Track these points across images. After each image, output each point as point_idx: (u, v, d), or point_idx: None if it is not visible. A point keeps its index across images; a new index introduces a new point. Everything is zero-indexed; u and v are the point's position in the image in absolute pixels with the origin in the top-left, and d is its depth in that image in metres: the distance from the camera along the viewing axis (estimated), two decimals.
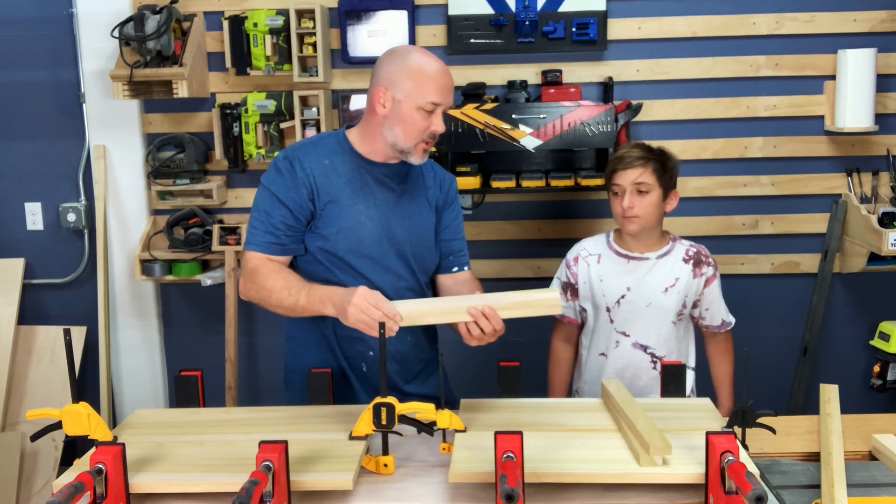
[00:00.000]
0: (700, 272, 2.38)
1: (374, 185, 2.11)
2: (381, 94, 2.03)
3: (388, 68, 2.04)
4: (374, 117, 2.07)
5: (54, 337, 3.44)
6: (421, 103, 2.00)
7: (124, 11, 3.21)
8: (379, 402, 1.65)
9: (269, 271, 2.03)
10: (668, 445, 1.57)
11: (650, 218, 2.33)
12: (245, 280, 2.07)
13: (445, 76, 2.04)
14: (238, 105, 3.22)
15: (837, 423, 1.84)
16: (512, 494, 1.33)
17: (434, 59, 2.05)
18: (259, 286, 2.03)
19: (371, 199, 2.10)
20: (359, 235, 2.08)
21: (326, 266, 2.09)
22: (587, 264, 2.42)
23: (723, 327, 2.46)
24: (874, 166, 3.26)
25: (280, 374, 2.32)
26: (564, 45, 3.15)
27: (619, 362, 2.38)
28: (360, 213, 2.08)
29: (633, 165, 2.30)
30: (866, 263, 3.15)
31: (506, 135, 3.04)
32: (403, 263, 2.14)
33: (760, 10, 3.18)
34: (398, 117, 2.03)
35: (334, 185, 2.08)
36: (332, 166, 2.09)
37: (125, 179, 3.37)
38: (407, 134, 2.03)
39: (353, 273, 2.09)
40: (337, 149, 2.12)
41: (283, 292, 1.99)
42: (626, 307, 2.36)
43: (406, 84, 2.01)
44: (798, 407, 3.32)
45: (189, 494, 1.57)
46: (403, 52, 2.06)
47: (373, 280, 2.09)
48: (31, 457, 3.33)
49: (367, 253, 2.09)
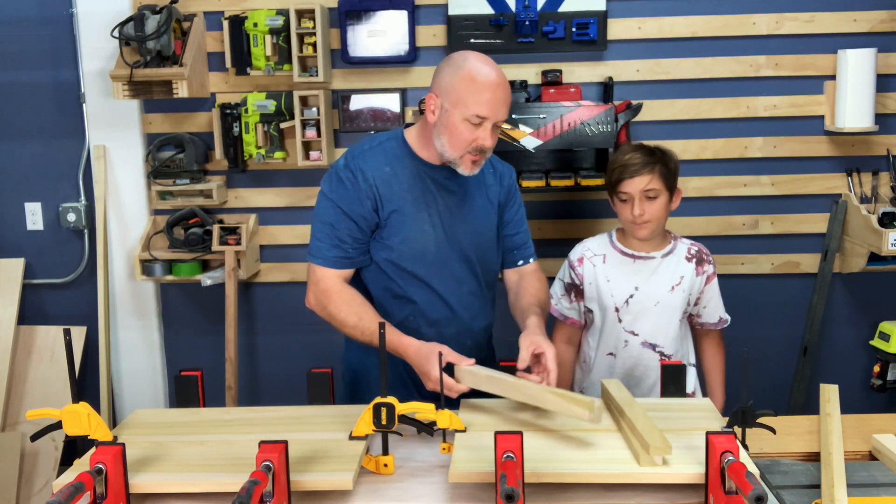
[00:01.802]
0: (702, 270, 2.40)
1: (436, 190, 2.09)
2: (432, 101, 2.01)
3: (442, 74, 2.00)
4: (426, 123, 2.05)
5: (54, 337, 3.44)
6: (467, 115, 1.95)
7: (124, 11, 3.21)
8: (379, 402, 1.65)
9: (341, 302, 2.05)
10: (668, 445, 1.57)
11: (661, 221, 2.35)
12: (317, 298, 2.08)
13: (499, 89, 1.96)
14: (238, 105, 3.22)
15: (837, 423, 1.84)
16: (512, 494, 1.33)
17: (491, 67, 1.97)
18: (330, 313, 2.06)
19: (433, 205, 2.09)
20: (422, 244, 2.08)
21: (390, 276, 2.10)
22: (592, 265, 2.42)
23: (719, 325, 2.48)
24: (874, 166, 3.26)
25: (281, 374, 2.33)
26: (564, 45, 3.15)
27: (629, 361, 2.39)
28: (424, 222, 2.07)
29: (641, 173, 2.29)
30: (866, 263, 3.15)
31: (506, 135, 3.04)
32: (467, 267, 2.14)
33: (760, 10, 3.18)
34: (445, 127, 1.99)
35: (397, 193, 2.06)
36: (394, 173, 2.07)
37: (125, 179, 3.37)
38: (452, 144, 1.99)
39: (417, 282, 2.10)
40: (398, 153, 2.09)
41: (355, 330, 2.03)
42: (634, 307, 2.37)
43: (455, 93, 1.96)
44: (798, 407, 3.32)
45: (189, 494, 1.57)
46: (459, 59, 2.00)
47: (436, 288, 2.10)
48: (31, 457, 3.33)
49: (431, 260, 2.09)
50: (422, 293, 2.10)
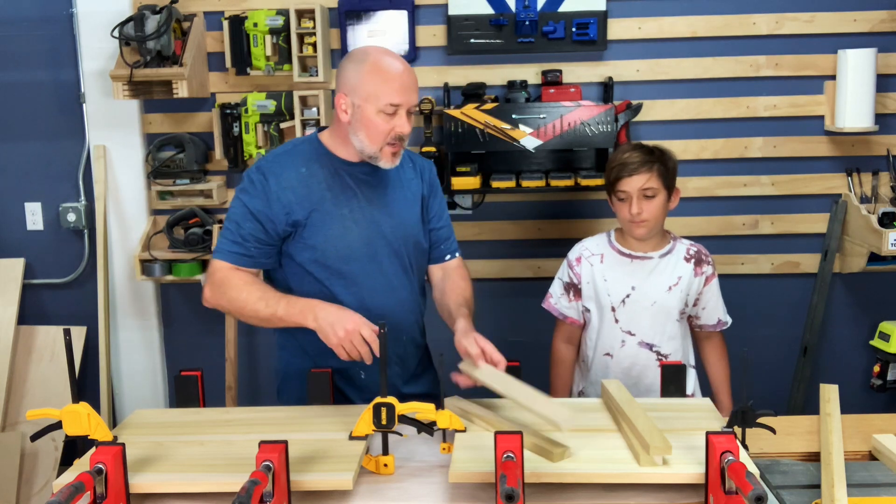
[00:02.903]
0: (701, 271, 2.39)
1: (356, 186, 2.08)
2: (342, 101, 2.00)
3: (346, 73, 2.00)
4: (340, 123, 2.04)
5: (54, 337, 3.44)
6: (380, 106, 1.96)
7: (124, 11, 3.21)
8: (379, 402, 1.65)
9: (241, 283, 2.01)
10: (668, 445, 1.57)
11: (658, 220, 2.34)
12: (213, 290, 2.04)
13: (405, 75, 1.98)
14: (238, 105, 3.22)
15: (837, 423, 1.84)
16: (512, 494, 1.33)
17: (393, 57, 1.99)
18: (230, 298, 2.00)
19: (354, 201, 2.06)
20: (346, 241, 2.05)
21: (316, 278, 2.06)
22: (590, 264, 2.42)
23: (718, 326, 2.47)
24: (874, 166, 3.26)
25: None
26: (564, 45, 3.15)
27: (625, 361, 2.39)
28: (346, 218, 2.05)
29: (639, 172, 2.29)
30: (866, 263, 3.15)
31: (506, 135, 3.04)
32: (398, 262, 2.12)
33: (760, 10, 3.18)
34: (360, 122, 1.99)
35: (315, 192, 2.04)
36: (311, 173, 2.05)
37: (125, 179, 3.37)
38: (371, 138, 1.99)
39: (345, 282, 2.06)
40: (312, 154, 2.08)
41: (258, 303, 1.97)
42: (631, 306, 2.37)
43: (364, 88, 1.96)
44: (798, 407, 3.32)
45: (189, 494, 1.57)
46: (360, 55, 2.01)
47: (366, 285, 2.07)
48: (31, 457, 3.33)
49: (358, 257, 2.06)
50: (350, 291, 2.07)
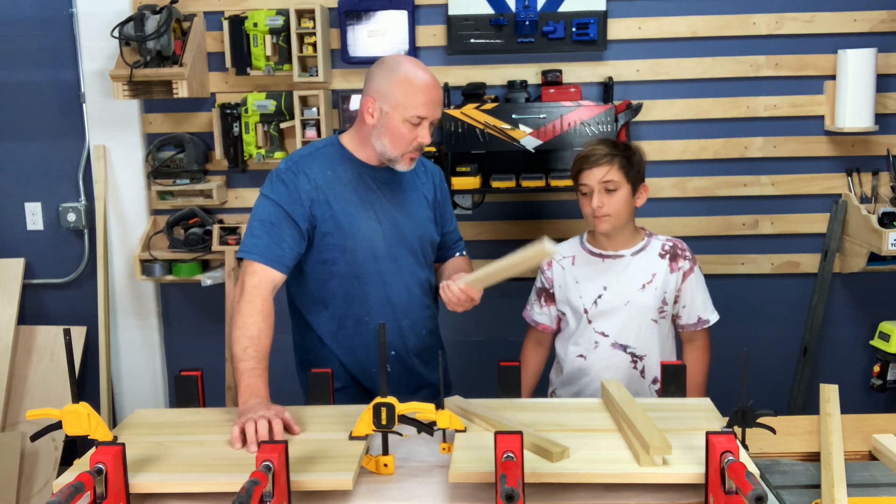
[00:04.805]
0: (677, 266, 2.34)
1: (378, 188, 2.16)
2: (370, 105, 2.07)
3: (378, 79, 2.07)
4: (364, 125, 2.11)
5: (54, 337, 3.44)
6: (408, 116, 2.04)
7: (124, 11, 3.21)
8: (379, 402, 1.65)
9: (257, 311, 1.96)
10: (668, 445, 1.57)
11: (621, 215, 2.30)
12: (245, 288, 1.99)
13: (433, 90, 2.06)
14: (238, 105, 3.22)
15: (837, 423, 1.84)
16: (512, 494, 1.33)
17: (424, 71, 2.06)
18: (239, 310, 1.97)
19: (378, 203, 2.15)
20: (375, 241, 2.13)
21: (343, 278, 2.13)
22: (561, 267, 2.40)
23: (699, 325, 2.38)
24: (874, 166, 3.26)
25: (280, 373, 2.32)
26: (564, 45, 3.15)
27: (599, 363, 2.34)
28: (372, 219, 2.13)
29: (599, 164, 2.27)
30: (866, 263, 3.14)
31: (506, 135, 3.04)
32: (415, 260, 2.21)
33: (760, 10, 3.18)
34: (385, 128, 2.06)
35: (341, 195, 2.11)
36: (336, 176, 2.12)
37: (125, 179, 3.37)
38: (394, 144, 2.07)
39: (372, 281, 2.15)
40: (336, 157, 2.15)
41: (236, 347, 1.94)
42: (603, 307, 2.33)
43: (394, 97, 2.04)
44: (798, 407, 3.32)
45: (189, 494, 1.57)
46: (393, 64, 2.07)
47: (391, 283, 2.16)
48: (31, 457, 3.33)
49: (383, 256, 2.15)
50: (377, 289, 2.16)
